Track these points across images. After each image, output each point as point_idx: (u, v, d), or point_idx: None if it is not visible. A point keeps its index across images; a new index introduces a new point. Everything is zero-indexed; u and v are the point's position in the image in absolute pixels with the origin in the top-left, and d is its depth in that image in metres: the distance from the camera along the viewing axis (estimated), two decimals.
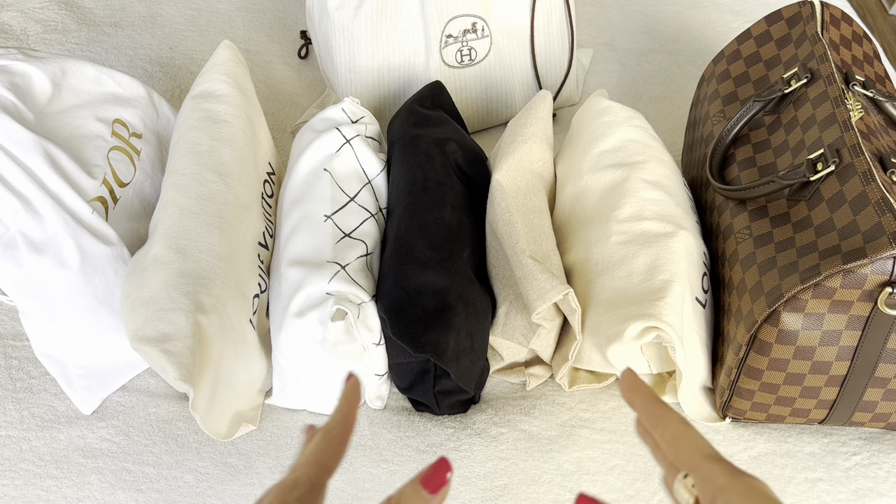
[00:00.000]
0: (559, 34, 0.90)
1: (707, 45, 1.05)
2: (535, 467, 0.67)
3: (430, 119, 0.77)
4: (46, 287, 0.65)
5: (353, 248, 0.68)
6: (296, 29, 1.06)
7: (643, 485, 0.66)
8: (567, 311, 0.66)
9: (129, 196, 0.72)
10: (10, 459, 0.67)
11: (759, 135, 0.70)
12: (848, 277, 0.56)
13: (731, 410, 0.68)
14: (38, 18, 1.04)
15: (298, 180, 0.73)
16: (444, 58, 0.86)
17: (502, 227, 0.69)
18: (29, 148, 0.63)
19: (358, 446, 0.68)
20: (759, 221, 0.64)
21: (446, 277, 0.65)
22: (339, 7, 0.82)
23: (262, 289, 0.71)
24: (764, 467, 0.67)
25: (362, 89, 0.87)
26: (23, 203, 0.63)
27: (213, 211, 0.67)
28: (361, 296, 0.65)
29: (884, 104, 0.67)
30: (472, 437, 0.69)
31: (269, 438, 0.69)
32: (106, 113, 0.73)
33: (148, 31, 1.04)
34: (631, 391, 0.39)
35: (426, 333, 0.62)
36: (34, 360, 0.73)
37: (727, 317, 0.66)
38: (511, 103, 0.92)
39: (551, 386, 0.72)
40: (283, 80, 1.00)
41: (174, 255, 0.63)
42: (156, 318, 0.60)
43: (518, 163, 0.73)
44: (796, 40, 0.73)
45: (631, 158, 0.73)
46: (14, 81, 0.67)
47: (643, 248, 0.66)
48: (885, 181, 0.58)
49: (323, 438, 0.36)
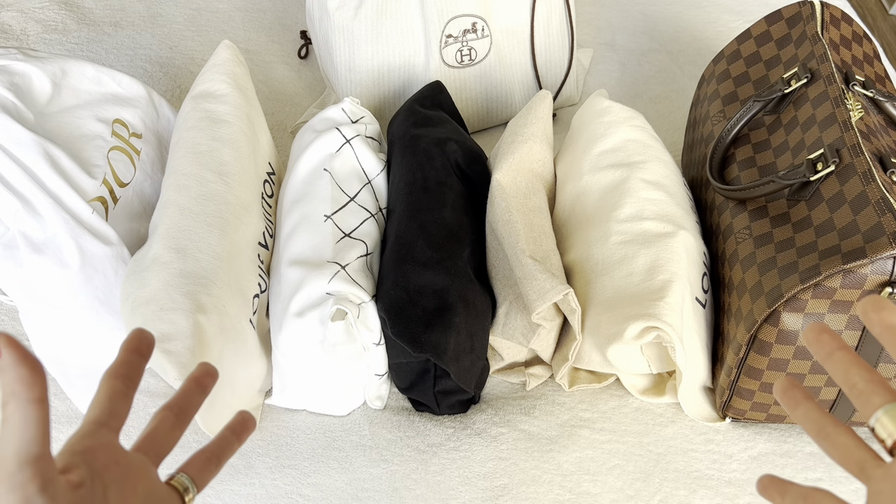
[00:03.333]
0: (559, 34, 0.90)
1: (707, 45, 1.04)
2: (535, 467, 0.67)
3: (430, 119, 0.77)
4: (46, 287, 0.65)
5: (353, 247, 0.68)
6: (296, 29, 1.06)
7: (643, 485, 0.66)
8: (567, 311, 0.66)
9: (129, 196, 0.72)
10: None
11: (759, 135, 0.70)
12: (848, 277, 0.56)
13: (731, 410, 0.68)
14: (38, 18, 1.04)
15: (298, 180, 0.73)
16: (444, 58, 0.86)
17: (502, 227, 0.69)
18: (29, 148, 0.63)
19: (358, 446, 0.68)
20: (759, 221, 0.64)
21: (446, 277, 0.65)
22: (339, 7, 0.82)
23: (262, 289, 0.71)
24: (764, 467, 0.67)
25: (362, 89, 0.87)
26: (23, 203, 0.63)
27: (213, 211, 0.67)
28: (361, 296, 0.65)
29: (884, 104, 0.67)
30: (472, 437, 0.69)
31: (269, 438, 0.69)
32: (106, 113, 0.73)
33: (148, 31, 1.04)
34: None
35: (426, 333, 0.62)
36: None
37: (727, 317, 0.66)
38: (511, 103, 0.92)
39: (551, 386, 0.72)
40: (283, 80, 1.00)
41: (174, 255, 0.63)
42: (156, 318, 0.60)
43: (518, 163, 0.73)
44: (796, 40, 0.73)
45: (631, 158, 0.73)
46: (14, 81, 0.67)
47: (643, 248, 0.66)
48: (885, 181, 0.58)
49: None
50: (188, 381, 0.40)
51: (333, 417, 0.70)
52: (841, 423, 0.36)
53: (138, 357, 0.37)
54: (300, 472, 0.67)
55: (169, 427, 0.38)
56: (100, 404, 0.35)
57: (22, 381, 0.30)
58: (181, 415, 0.39)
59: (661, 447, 0.68)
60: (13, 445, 0.29)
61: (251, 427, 0.42)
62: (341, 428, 0.70)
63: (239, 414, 0.41)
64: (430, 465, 0.67)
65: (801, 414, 0.37)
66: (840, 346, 0.35)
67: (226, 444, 0.40)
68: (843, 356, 0.35)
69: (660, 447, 0.68)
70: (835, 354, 0.35)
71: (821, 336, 0.36)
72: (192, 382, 0.40)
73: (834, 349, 0.35)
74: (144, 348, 0.37)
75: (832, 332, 0.36)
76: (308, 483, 0.66)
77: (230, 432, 0.41)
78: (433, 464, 0.67)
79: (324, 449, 0.68)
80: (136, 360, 0.37)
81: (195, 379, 0.40)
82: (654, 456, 0.68)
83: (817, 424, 0.36)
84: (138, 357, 0.37)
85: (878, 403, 0.33)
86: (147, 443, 0.37)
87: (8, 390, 0.30)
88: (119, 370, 0.36)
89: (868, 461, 0.34)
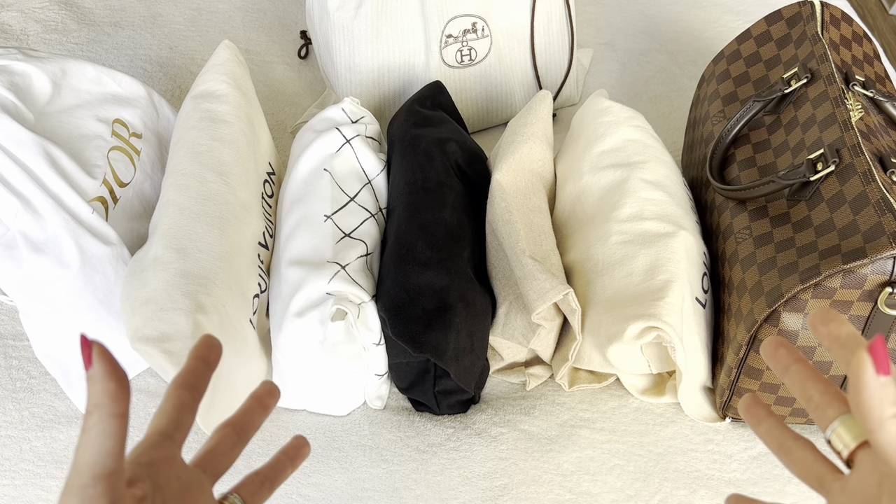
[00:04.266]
0: (559, 34, 0.90)
1: (707, 45, 1.04)
2: (535, 467, 0.67)
3: (430, 119, 0.77)
4: (46, 287, 0.65)
5: (353, 247, 0.68)
6: (296, 29, 1.06)
7: (643, 485, 0.66)
8: (567, 311, 0.66)
9: (129, 196, 0.72)
10: (10, 459, 0.67)
11: (759, 135, 0.70)
12: (848, 277, 0.56)
13: (731, 410, 0.68)
14: (38, 18, 1.04)
15: (298, 180, 0.73)
16: (444, 58, 0.86)
17: (502, 227, 0.69)
18: (29, 148, 0.63)
19: (358, 446, 0.68)
20: (759, 221, 0.64)
21: (446, 277, 0.65)
22: (339, 7, 0.82)
23: (262, 289, 0.71)
24: (764, 467, 0.67)
25: (362, 89, 0.87)
26: (23, 203, 0.63)
27: (213, 211, 0.67)
28: (361, 296, 0.65)
29: (884, 104, 0.67)
30: (472, 437, 0.69)
31: (269, 438, 0.69)
32: (106, 113, 0.73)
33: (148, 31, 1.04)
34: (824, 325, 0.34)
35: (426, 333, 0.62)
36: (34, 360, 0.73)
37: (727, 317, 0.66)
38: (511, 103, 0.92)
39: (551, 386, 0.72)
40: (283, 80, 1.00)
41: (174, 255, 0.63)
42: (156, 318, 0.60)
43: (518, 163, 0.73)
44: (796, 40, 0.73)
45: (631, 158, 0.73)
46: (14, 81, 0.67)
47: (643, 248, 0.66)
48: (885, 181, 0.58)
49: None
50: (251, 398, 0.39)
51: (333, 417, 0.70)
52: (800, 438, 0.36)
53: (205, 366, 0.36)
54: (300, 472, 0.67)
55: (230, 445, 0.38)
56: (167, 414, 0.35)
57: (108, 395, 0.30)
58: (242, 433, 0.38)
59: (661, 447, 0.68)
60: (90, 458, 0.29)
61: (306, 453, 0.41)
62: (341, 428, 0.70)
63: (295, 439, 0.41)
64: (430, 465, 0.67)
65: (763, 430, 0.37)
66: (797, 359, 0.36)
67: (280, 468, 0.40)
68: (799, 370, 0.35)
69: (660, 447, 0.68)
70: (791, 368, 0.36)
71: (777, 350, 0.36)
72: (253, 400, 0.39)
73: (791, 363, 0.36)
74: (213, 357, 0.36)
75: (789, 347, 0.36)
76: (308, 483, 0.66)
77: (285, 456, 0.40)
78: (433, 464, 0.67)
79: (324, 449, 0.68)
80: (203, 369, 0.36)
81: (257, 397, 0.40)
82: (654, 456, 0.68)
83: (778, 440, 0.36)
84: (205, 366, 0.36)
85: (833, 416, 0.34)
86: (207, 459, 0.37)
87: (94, 401, 0.30)
88: (187, 380, 0.35)
89: (826, 475, 0.34)
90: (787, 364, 0.36)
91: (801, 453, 0.35)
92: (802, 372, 0.35)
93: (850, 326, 0.33)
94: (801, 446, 0.36)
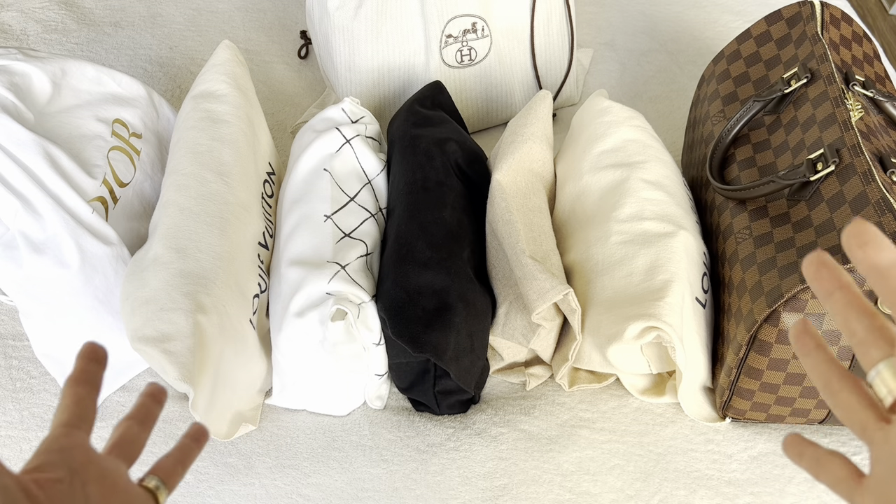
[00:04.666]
0: (559, 34, 0.90)
1: (707, 45, 1.04)
2: (535, 467, 0.67)
3: (430, 119, 0.77)
4: (46, 287, 0.65)
5: (353, 247, 0.68)
6: (296, 29, 1.06)
7: (643, 485, 0.66)
8: (567, 311, 0.66)
9: (129, 196, 0.72)
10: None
11: (759, 135, 0.70)
12: None
13: (731, 410, 0.68)
14: (38, 18, 1.04)
15: (298, 180, 0.73)
16: (444, 58, 0.86)
17: (502, 227, 0.69)
18: (29, 148, 0.63)
19: (358, 446, 0.68)
20: (759, 221, 0.64)
21: (446, 277, 0.65)
22: (339, 7, 0.82)
23: (262, 289, 0.71)
24: (764, 467, 0.67)
25: (362, 89, 0.87)
26: (23, 203, 0.63)
27: (213, 211, 0.67)
28: (361, 296, 0.65)
29: (884, 104, 0.67)
30: (472, 437, 0.69)
31: (269, 438, 0.69)
32: (106, 113, 0.73)
33: (148, 31, 1.04)
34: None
35: (426, 333, 0.62)
36: (34, 360, 0.73)
37: (727, 317, 0.66)
38: (511, 103, 0.92)
39: (551, 386, 0.72)
40: (283, 80, 1.00)
41: (174, 255, 0.63)
42: (156, 318, 0.60)
43: (518, 163, 0.73)
44: (796, 40, 0.73)
45: (631, 158, 0.73)
46: (14, 81, 0.67)
47: (643, 248, 0.66)
48: (885, 181, 0.58)
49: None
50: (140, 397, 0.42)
51: (333, 417, 0.70)
52: (848, 377, 0.32)
53: (96, 365, 0.38)
54: (300, 472, 0.67)
55: (135, 434, 0.40)
56: (67, 409, 0.36)
57: None
58: (143, 423, 0.40)
59: (661, 447, 0.68)
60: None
61: (207, 433, 0.44)
62: (341, 428, 0.70)
63: (193, 424, 0.43)
64: (430, 465, 0.67)
65: (810, 363, 0.33)
66: (841, 284, 0.31)
67: (188, 450, 0.42)
68: (842, 296, 0.31)
69: (660, 447, 0.68)
70: (835, 294, 0.31)
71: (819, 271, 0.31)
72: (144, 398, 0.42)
73: (834, 288, 0.31)
74: (100, 356, 0.38)
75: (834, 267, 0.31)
76: (308, 483, 0.66)
77: (190, 439, 0.42)
78: (433, 464, 0.67)
79: (324, 449, 0.68)
80: (94, 368, 0.38)
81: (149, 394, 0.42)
82: (654, 456, 0.68)
83: (824, 377, 0.32)
84: (96, 365, 0.38)
85: (878, 357, 0.30)
86: (117, 449, 0.38)
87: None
88: (80, 377, 0.37)
89: (871, 422, 0.31)
90: (831, 289, 0.31)
91: (846, 395, 0.31)
92: (847, 299, 0.30)
93: (891, 251, 0.29)
94: (847, 387, 0.32)
